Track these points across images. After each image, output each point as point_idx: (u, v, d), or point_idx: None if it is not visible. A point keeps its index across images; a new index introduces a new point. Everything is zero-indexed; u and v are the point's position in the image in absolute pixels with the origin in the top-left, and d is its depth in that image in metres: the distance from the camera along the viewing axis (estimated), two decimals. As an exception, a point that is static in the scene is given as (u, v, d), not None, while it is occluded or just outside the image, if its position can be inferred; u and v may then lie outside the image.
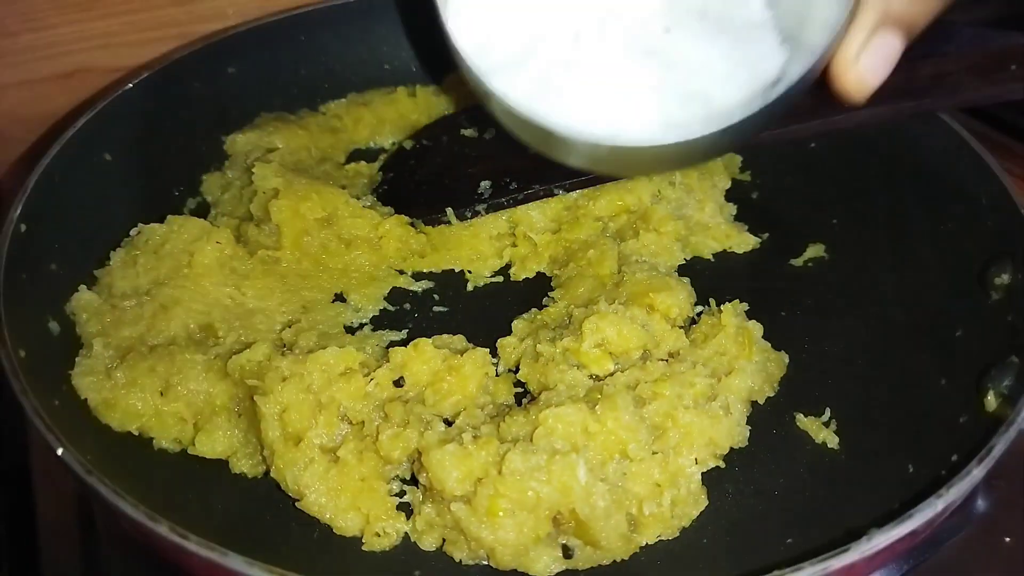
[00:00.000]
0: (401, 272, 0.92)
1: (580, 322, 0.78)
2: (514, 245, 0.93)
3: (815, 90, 0.81)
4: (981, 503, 0.77)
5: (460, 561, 0.70)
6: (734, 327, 0.80)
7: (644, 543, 0.70)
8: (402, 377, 0.77)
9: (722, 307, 0.82)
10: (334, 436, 0.73)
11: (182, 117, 0.97)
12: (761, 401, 0.79)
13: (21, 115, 1.05)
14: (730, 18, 0.69)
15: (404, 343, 0.79)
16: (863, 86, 0.56)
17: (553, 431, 0.70)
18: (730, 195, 0.98)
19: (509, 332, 0.84)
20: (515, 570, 0.68)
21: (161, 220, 0.87)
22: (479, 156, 0.97)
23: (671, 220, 0.91)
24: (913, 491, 0.63)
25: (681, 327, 0.82)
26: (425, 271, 0.92)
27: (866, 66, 0.55)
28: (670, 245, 0.91)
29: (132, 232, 0.87)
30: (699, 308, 0.86)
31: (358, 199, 0.92)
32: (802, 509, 0.72)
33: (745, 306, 0.84)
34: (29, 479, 0.81)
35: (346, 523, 0.71)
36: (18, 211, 0.77)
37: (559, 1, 0.69)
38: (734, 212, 0.97)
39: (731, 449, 0.75)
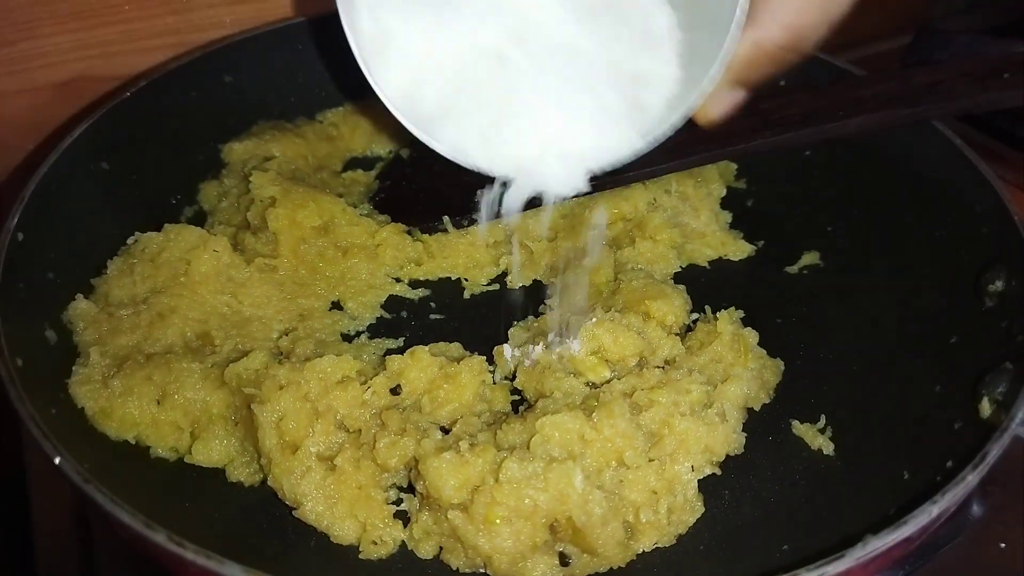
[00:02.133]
0: (398, 280, 0.92)
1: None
2: (511, 253, 0.93)
3: (809, 100, 0.81)
4: (976, 509, 0.78)
5: (457, 569, 0.70)
6: (730, 334, 0.80)
7: (641, 550, 0.70)
8: (399, 385, 0.77)
9: (718, 314, 0.83)
10: (331, 444, 0.73)
11: (179, 126, 0.97)
12: (757, 408, 0.80)
13: (18, 123, 1.05)
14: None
15: (401, 351, 0.79)
16: (709, 119, 0.76)
17: (550, 439, 0.70)
18: (725, 203, 0.98)
19: (506, 340, 0.85)
20: (512, 578, 0.68)
21: (158, 229, 0.87)
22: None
23: (667, 228, 0.91)
24: (908, 497, 0.63)
25: (677, 334, 0.83)
26: (422, 279, 0.92)
27: (716, 110, 0.75)
28: (666, 253, 0.91)
29: (129, 241, 0.87)
30: (695, 315, 0.86)
31: (355, 207, 0.92)
32: (798, 516, 0.72)
33: (741, 313, 0.84)
34: (25, 487, 0.81)
35: (343, 531, 0.71)
36: (15, 220, 0.77)
37: (472, 28, 0.74)
38: (729, 220, 0.98)
39: (727, 456, 0.75)
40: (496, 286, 0.92)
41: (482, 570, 0.69)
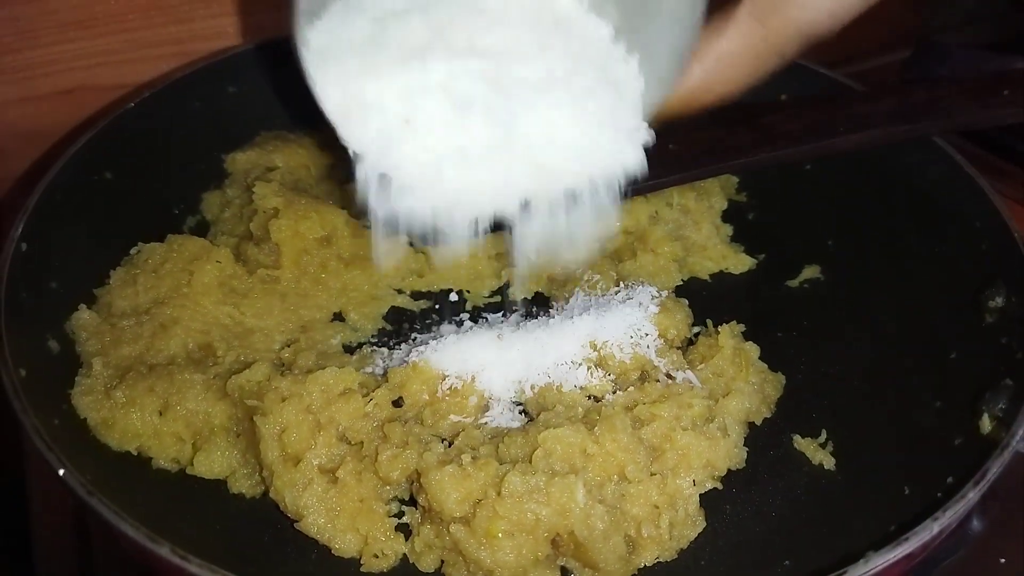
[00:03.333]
0: (400, 291, 0.92)
1: (579, 343, 0.79)
2: (513, 265, 0.93)
3: (808, 114, 0.82)
4: (977, 524, 0.78)
5: (458, 582, 0.70)
6: (731, 348, 0.81)
7: (642, 565, 0.70)
8: (401, 397, 0.77)
9: (719, 328, 0.83)
10: (333, 457, 0.73)
11: (182, 136, 0.97)
12: (758, 422, 0.80)
13: (21, 131, 1.05)
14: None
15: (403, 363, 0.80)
16: None
17: (552, 453, 0.70)
18: (727, 216, 0.99)
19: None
20: (514, 591, 0.68)
21: (161, 239, 0.88)
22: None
23: (668, 241, 0.92)
24: (909, 513, 0.63)
25: (678, 348, 0.83)
26: (424, 290, 0.92)
27: None
28: (667, 266, 0.91)
29: (132, 251, 0.87)
30: (696, 329, 0.86)
31: (357, 218, 0.92)
32: (799, 531, 0.73)
33: (742, 327, 0.84)
34: (26, 496, 0.81)
35: (344, 544, 0.71)
36: (19, 230, 0.77)
37: (445, 80, 0.70)
38: (730, 233, 0.98)
39: (729, 470, 0.75)
40: (498, 298, 0.92)
41: (483, 584, 0.69)
